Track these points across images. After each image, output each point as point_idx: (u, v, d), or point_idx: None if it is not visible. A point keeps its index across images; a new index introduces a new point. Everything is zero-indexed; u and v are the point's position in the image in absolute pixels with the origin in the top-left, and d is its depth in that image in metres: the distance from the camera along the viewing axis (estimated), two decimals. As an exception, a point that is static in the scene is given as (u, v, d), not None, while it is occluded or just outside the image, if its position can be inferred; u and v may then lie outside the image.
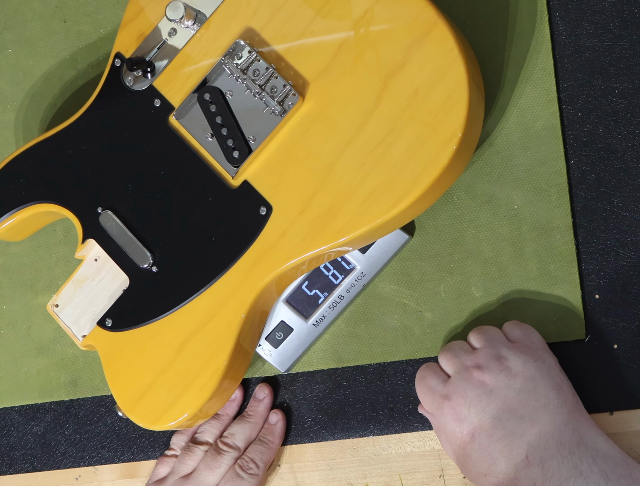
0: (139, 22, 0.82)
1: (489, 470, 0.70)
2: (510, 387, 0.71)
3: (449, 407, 0.71)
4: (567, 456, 0.68)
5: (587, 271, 0.79)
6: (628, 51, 0.79)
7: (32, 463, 0.89)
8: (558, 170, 0.79)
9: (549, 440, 0.69)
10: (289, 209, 0.76)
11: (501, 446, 0.69)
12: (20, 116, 0.91)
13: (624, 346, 0.78)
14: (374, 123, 0.74)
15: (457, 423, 0.71)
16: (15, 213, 0.83)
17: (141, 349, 0.79)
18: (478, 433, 0.70)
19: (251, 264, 0.76)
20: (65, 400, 0.88)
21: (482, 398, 0.71)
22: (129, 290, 0.80)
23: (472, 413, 0.70)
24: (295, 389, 0.84)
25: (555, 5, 0.81)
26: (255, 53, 0.77)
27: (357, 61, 0.75)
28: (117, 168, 0.81)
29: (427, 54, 0.73)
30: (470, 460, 0.71)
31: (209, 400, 0.77)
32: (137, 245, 0.80)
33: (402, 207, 0.73)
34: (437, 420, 0.73)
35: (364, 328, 0.82)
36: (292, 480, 0.83)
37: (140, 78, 0.81)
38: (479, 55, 0.80)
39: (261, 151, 0.77)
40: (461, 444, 0.71)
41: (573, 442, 0.69)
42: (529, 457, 0.69)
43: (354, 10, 0.76)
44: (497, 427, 0.69)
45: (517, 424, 0.69)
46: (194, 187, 0.79)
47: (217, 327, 0.77)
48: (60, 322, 0.82)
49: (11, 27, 0.92)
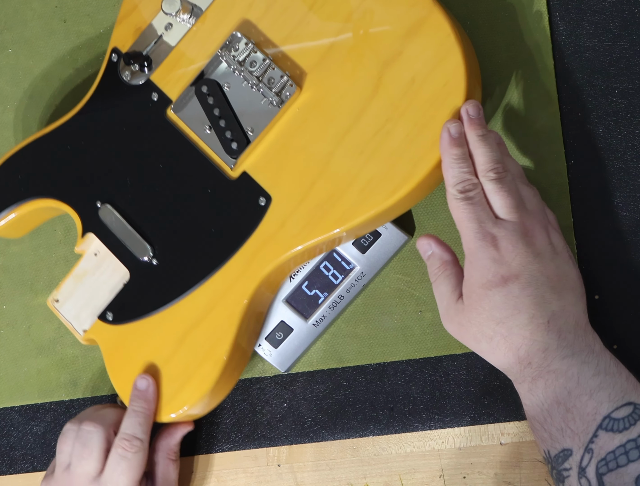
0: (135, 17, 0.82)
1: (506, 318, 0.69)
2: (553, 260, 0.71)
3: (494, 248, 0.70)
4: (582, 335, 0.70)
5: (587, 271, 0.78)
6: (628, 51, 0.79)
7: (32, 463, 0.88)
8: (558, 170, 0.79)
9: (570, 316, 0.70)
10: (288, 199, 0.76)
11: (529, 302, 0.69)
12: (19, 116, 0.91)
13: (624, 346, 0.78)
14: (371, 112, 0.74)
15: (495, 263, 0.70)
16: (15, 210, 0.83)
17: (142, 342, 0.79)
18: (512, 281, 0.69)
19: (251, 255, 0.77)
20: (65, 400, 0.88)
21: (529, 255, 0.70)
22: (129, 284, 0.80)
23: (515, 262, 0.70)
24: (295, 389, 0.84)
25: (555, 5, 0.81)
26: (252, 45, 0.78)
27: (354, 51, 0.76)
28: (115, 162, 0.81)
29: (424, 42, 0.74)
30: (488, 303, 0.70)
31: (210, 392, 0.77)
32: (137, 238, 0.80)
33: (401, 194, 0.73)
34: (471, 254, 0.71)
35: (364, 328, 0.82)
36: (292, 480, 0.83)
37: (137, 72, 0.82)
38: (479, 56, 0.80)
39: (259, 142, 0.78)
40: (488, 283, 0.70)
41: (588, 329, 0.71)
42: (550, 323, 0.69)
43: (350, 0, 0.76)
44: (531, 285, 0.69)
45: (549, 291, 0.70)
46: (193, 180, 0.79)
47: (218, 318, 0.77)
48: (61, 317, 0.83)
49: (11, 27, 0.92)
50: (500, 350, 0.70)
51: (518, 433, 0.79)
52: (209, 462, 0.85)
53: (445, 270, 0.74)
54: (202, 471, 0.85)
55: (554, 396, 0.69)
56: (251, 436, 0.84)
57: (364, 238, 0.80)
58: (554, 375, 0.69)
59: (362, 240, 0.80)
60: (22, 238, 0.89)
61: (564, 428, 0.68)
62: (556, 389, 0.69)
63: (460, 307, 0.72)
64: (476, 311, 0.71)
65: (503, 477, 0.79)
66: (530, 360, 0.69)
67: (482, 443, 0.80)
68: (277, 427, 0.84)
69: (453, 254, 0.75)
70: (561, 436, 0.68)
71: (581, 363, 0.69)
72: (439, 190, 0.81)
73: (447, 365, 0.81)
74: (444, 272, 0.74)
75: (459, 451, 0.80)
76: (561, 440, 0.68)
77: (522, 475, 0.79)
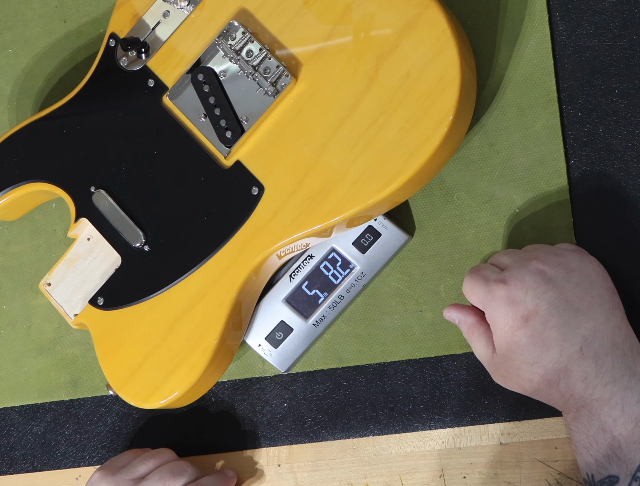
0: (133, 3, 0.83)
1: (538, 357, 0.68)
2: (568, 280, 0.69)
3: (504, 290, 0.69)
4: (620, 357, 0.67)
5: (587, 271, 0.79)
6: (628, 51, 0.79)
7: (32, 463, 0.89)
8: (558, 170, 0.79)
9: (604, 337, 0.68)
10: (280, 189, 0.76)
11: (556, 334, 0.68)
12: (20, 116, 0.91)
13: (624, 346, 0.78)
14: (366, 105, 0.75)
15: (510, 306, 0.69)
16: (9, 192, 0.84)
17: (132, 328, 0.79)
18: (533, 318, 0.68)
19: (243, 244, 0.77)
20: (65, 400, 0.88)
21: (540, 284, 0.68)
22: (120, 269, 0.81)
23: (528, 297, 0.68)
24: (295, 389, 0.84)
25: (555, 5, 0.81)
26: (249, 34, 0.78)
27: (350, 43, 0.76)
28: (110, 147, 0.82)
29: (420, 36, 0.74)
30: (518, 348, 0.69)
31: (199, 379, 0.77)
32: (130, 224, 0.80)
33: (393, 188, 0.73)
34: (487, 308, 0.70)
35: (364, 328, 0.82)
36: (292, 480, 0.83)
37: (134, 58, 0.82)
38: (479, 55, 0.80)
39: (254, 131, 0.78)
40: (510, 329, 0.69)
41: (626, 345, 0.68)
42: (584, 350, 0.67)
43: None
44: (553, 314, 0.68)
45: (573, 316, 0.68)
46: (187, 167, 0.79)
47: (208, 306, 0.77)
48: (53, 300, 0.83)
49: (11, 27, 0.92)
50: (542, 390, 0.69)
51: (518, 433, 0.79)
52: (209, 462, 0.85)
53: (474, 333, 0.73)
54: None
55: (599, 424, 0.67)
56: (251, 436, 0.84)
57: (364, 238, 0.80)
58: (598, 403, 0.67)
59: (362, 240, 0.80)
60: (22, 238, 0.89)
61: (611, 455, 0.67)
62: (601, 417, 0.67)
63: (497, 361, 0.71)
64: (510, 359, 0.70)
65: (503, 477, 0.79)
66: (572, 392, 0.68)
67: (482, 443, 0.80)
68: (277, 427, 0.84)
69: (476, 313, 0.74)
70: (607, 463, 0.67)
71: (624, 390, 0.67)
72: (439, 190, 0.81)
73: (447, 365, 0.81)
74: (473, 334, 0.73)
75: (459, 451, 0.80)
76: (607, 466, 0.67)
77: (522, 475, 0.79)
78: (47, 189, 0.83)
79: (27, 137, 0.83)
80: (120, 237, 0.81)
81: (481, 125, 0.81)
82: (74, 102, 0.83)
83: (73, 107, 0.83)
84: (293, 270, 0.81)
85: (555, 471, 0.78)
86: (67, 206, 0.86)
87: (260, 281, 0.80)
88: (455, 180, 0.81)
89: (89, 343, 0.87)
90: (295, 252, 0.79)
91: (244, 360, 0.84)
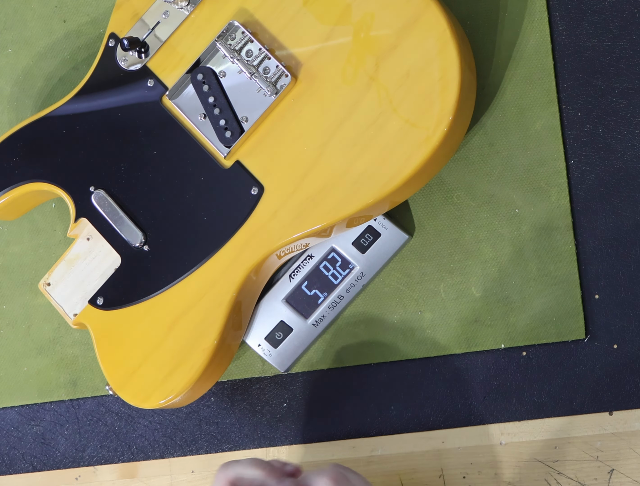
0: (133, 3, 0.83)
1: None
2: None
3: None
4: None
5: (587, 271, 0.79)
6: (628, 51, 0.79)
7: (32, 463, 0.89)
8: (558, 170, 0.79)
9: None
10: (280, 189, 0.77)
11: None
12: (20, 116, 0.91)
13: (624, 346, 0.78)
14: (365, 105, 0.75)
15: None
16: (8, 192, 0.84)
17: (132, 328, 0.79)
18: None
19: (242, 244, 0.77)
20: (65, 400, 0.88)
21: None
22: (120, 269, 0.81)
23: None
24: (295, 389, 0.84)
25: (555, 5, 0.81)
26: (248, 34, 0.78)
27: (350, 43, 0.76)
28: (109, 147, 0.82)
29: (419, 36, 0.74)
30: None
31: (199, 379, 0.77)
32: (129, 224, 0.80)
33: (393, 188, 0.73)
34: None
35: (364, 328, 0.82)
36: (292, 480, 0.83)
37: (134, 58, 0.82)
38: (479, 56, 0.80)
39: (253, 131, 0.78)
40: None
41: None
42: None
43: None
44: None
45: None
46: (186, 167, 0.79)
47: (208, 306, 0.77)
48: (52, 300, 0.83)
49: (11, 27, 0.92)
50: None
51: (518, 433, 0.79)
52: (209, 462, 0.85)
53: None
54: (202, 471, 0.85)
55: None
56: (251, 436, 0.84)
57: (364, 238, 0.80)
58: None
59: (362, 240, 0.80)
60: (22, 238, 0.89)
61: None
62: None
63: None
64: None
65: (503, 477, 0.79)
66: None
67: (482, 443, 0.80)
68: (277, 427, 0.84)
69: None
70: None
71: None
72: (439, 190, 0.81)
73: (447, 365, 0.81)
74: None
75: (459, 451, 0.80)
76: None
77: (522, 475, 0.79)
78: (46, 189, 0.83)
79: (27, 137, 0.84)
80: (120, 236, 0.81)
81: (481, 125, 0.81)
82: (74, 102, 0.83)
83: (73, 107, 0.83)
84: (293, 270, 0.81)
85: (555, 471, 0.78)
86: (66, 206, 0.86)
87: (259, 281, 0.80)
88: (455, 180, 0.81)
89: (89, 343, 0.87)
90: (295, 252, 0.79)
91: (244, 360, 0.85)
